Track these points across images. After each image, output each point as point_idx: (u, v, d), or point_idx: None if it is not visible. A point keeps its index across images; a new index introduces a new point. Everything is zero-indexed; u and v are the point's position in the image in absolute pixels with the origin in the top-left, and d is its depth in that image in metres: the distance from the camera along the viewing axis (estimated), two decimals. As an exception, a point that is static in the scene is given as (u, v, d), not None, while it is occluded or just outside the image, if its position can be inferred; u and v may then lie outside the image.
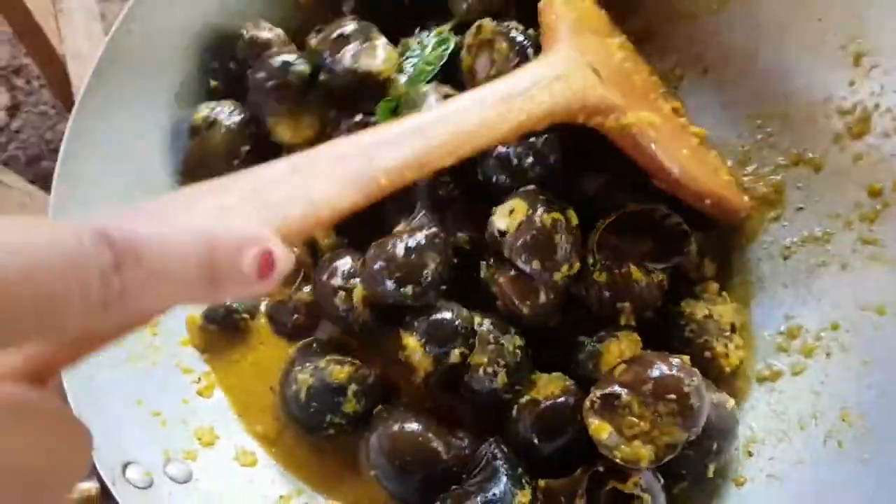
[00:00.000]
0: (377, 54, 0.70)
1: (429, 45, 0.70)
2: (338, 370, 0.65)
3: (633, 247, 0.65)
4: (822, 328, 0.67)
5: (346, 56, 0.69)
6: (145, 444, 0.64)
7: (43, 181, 1.42)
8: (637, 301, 0.64)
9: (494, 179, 0.67)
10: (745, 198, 0.70)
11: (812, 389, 0.65)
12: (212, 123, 0.72)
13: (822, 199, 0.69)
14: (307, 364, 0.66)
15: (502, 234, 0.62)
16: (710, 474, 0.62)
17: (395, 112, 0.69)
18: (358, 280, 0.66)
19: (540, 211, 0.62)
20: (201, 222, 0.37)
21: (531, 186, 0.64)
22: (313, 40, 0.73)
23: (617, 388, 0.57)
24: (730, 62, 0.74)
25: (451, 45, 0.70)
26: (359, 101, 0.70)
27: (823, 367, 0.65)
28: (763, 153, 0.73)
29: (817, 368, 0.66)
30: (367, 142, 0.48)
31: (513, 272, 0.63)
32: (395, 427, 0.62)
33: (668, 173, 0.63)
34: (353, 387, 0.64)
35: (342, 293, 0.67)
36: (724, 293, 0.69)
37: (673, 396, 0.55)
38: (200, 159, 0.72)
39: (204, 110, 0.73)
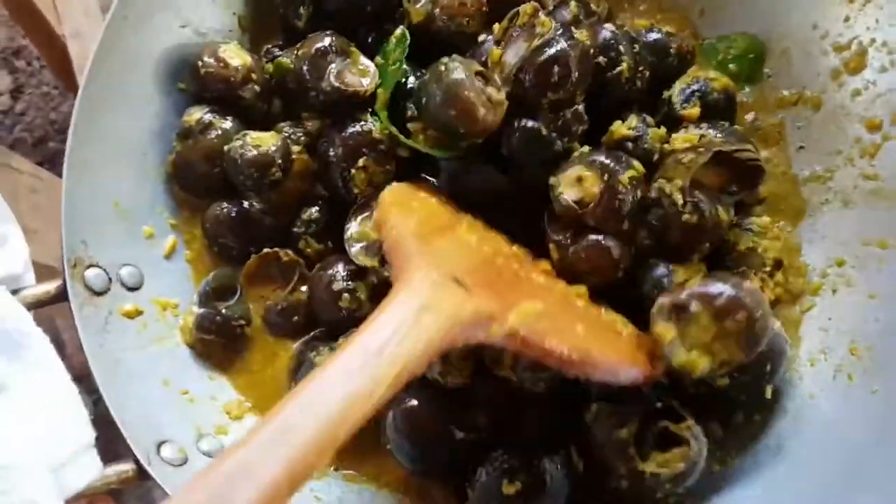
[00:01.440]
0: (363, 72, 0.70)
1: (390, 52, 0.70)
2: None
3: (713, 183, 0.64)
4: (828, 265, 0.68)
5: (331, 75, 0.69)
6: (176, 423, 0.66)
7: (51, 162, 1.44)
8: (716, 239, 0.64)
9: (520, 153, 0.65)
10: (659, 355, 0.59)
11: (820, 326, 0.66)
12: (207, 125, 0.71)
13: (823, 137, 0.70)
14: (321, 349, 0.68)
15: (581, 203, 0.62)
16: (768, 395, 0.62)
17: (397, 106, 0.69)
18: (359, 280, 0.68)
19: (618, 173, 0.61)
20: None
21: (586, 148, 0.64)
22: (284, 58, 0.73)
23: (688, 297, 0.56)
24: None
25: (407, 39, 0.69)
26: (343, 113, 0.70)
27: (830, 303, 0.67)
28: (763, 94, 0.73)
29: (824, 305, 0.67)
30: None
31: (589, 241, 0.62)
32: (411, 402, 0.63)
33: (573, 361, 0.55)
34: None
35: (346, 295, 0.68)
36: (777, 227, 0.69)
37: (742, 316, 0.54)
38: (191, 161, 0.72)
39: (196, 113, 0.72)
